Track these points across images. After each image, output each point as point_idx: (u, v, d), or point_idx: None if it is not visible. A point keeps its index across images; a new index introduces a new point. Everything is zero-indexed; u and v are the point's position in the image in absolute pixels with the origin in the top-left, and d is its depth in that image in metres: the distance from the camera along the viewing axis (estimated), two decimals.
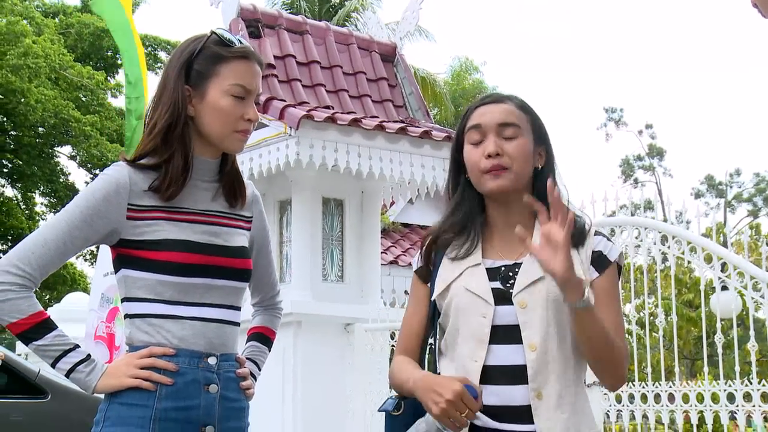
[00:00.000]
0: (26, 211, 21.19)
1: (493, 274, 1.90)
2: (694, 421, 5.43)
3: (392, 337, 7.47)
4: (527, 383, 1.83)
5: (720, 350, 5.20)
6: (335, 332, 6.87)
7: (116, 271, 1.98)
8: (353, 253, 7.18)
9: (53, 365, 1.90)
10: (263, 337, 2.24)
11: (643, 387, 5.81)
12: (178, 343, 1.92)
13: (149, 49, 20.70)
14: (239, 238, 2.05)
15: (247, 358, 2.15)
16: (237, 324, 2.03)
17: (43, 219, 21.57)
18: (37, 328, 1.88)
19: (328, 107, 6.96)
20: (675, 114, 56.87)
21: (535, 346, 1.83)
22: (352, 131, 6.63)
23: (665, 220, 5.94)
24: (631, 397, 5.88)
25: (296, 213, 6.92)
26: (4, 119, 19.31)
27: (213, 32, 2.00)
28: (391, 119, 7.33)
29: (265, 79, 6.99)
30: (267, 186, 7.27)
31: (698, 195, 33.39)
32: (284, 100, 6.75)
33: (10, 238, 21.07)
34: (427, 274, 1.99)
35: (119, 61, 21.21)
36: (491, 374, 1.84)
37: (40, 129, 18.89)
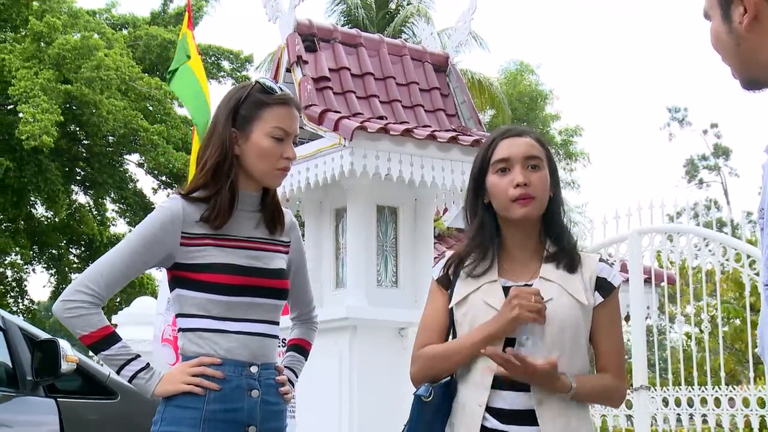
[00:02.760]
0: (98, 217, 21.92)
1: (506, 292, 2.12)
2: (755, 425, 5.49)
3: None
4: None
5: None
6: (390, 336, 7.07)
7: (171, 290, 2.25)
8: (407, 259, 7.38)
9: (118, 372, 2.18)
10: (300, 348, 2.50)
11: (690, 391, 5.89)
12: (224, 354, 2.18)
13: (213, 58, 21.24)
14: (278, 261, 2.30)
15: (285, 367, 2.40)
16: (276, 337, 2.29)
17: (113, 225, 22.30)
18: (105, 340, 2.16)
19: (381, 118, 7.18)
20: (741, 112, 55.73)
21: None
22: (404, 141, 6.85)
23: (732, 221, 6.01)
24: (678, 401, 5.96)
25: (351, 220, 7.15)
26: (78, 129, 20.02)
27: (257, 81, 2.27)
28: (444, 128, 7.52)
29: (320, 91, 7.25)
30: (323, 195, 7.52)
31: None
32: (339, 112, 7.00)
33: (83, 243, 21.83)
34: (447, 282, 2.21)
35: None
36: (500, 381, 2.06)
37: (111, 138, 19.56)
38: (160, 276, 8.23)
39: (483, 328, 2.07)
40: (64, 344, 3.17)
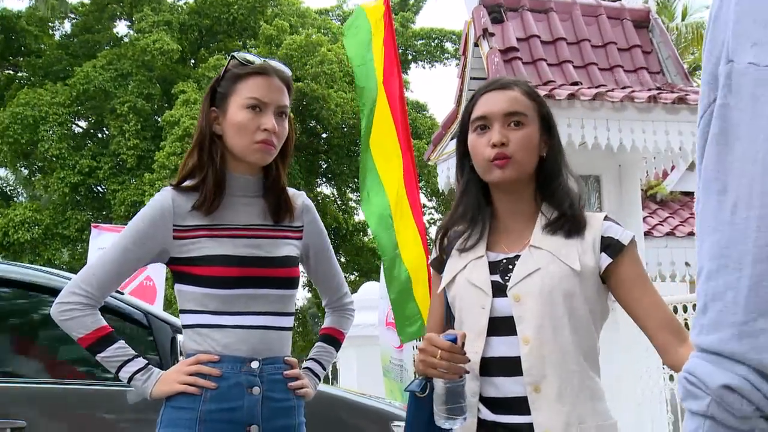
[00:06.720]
0: (342, 206, 22.91)
1: (494, 267, 1.90)
2: None
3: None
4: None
5: None
6: None
7: (173, 286, 2.17)
8: None
9: (116, 374, 2.11)
10: (330, 338, 2.36)
11: None
12: (222, 350, 2.07)
13: (436, 41, 21.43)
14: (284, 248, 2.16)
15: (311, 359, 2.29)
16: (287, 329, 2.16)
17: (356, 213, 23.22)
18: (100, 342, 2.09)
19: (575, 83, 6.87)
20: None
21: (528, 340, 1.81)
22: (597, 106, 6.50)
23: None
24: None
25: None
26: (317, 125, 21.03)
27: (233, 56, 2.15)
28: (646, 88, 7.06)
29: (508, 63, 7.04)
30: None
31: None
32: (529, 82, 6.76)
33: (330, 232, 22.92)
34: (440, 265, 2.02)
35: (410, 57, 22.21)
36: (490, 366, 1.85)
37: (344, 130, 20.36)
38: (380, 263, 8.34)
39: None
40: None
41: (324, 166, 22.46)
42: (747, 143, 0.80)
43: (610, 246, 1.87)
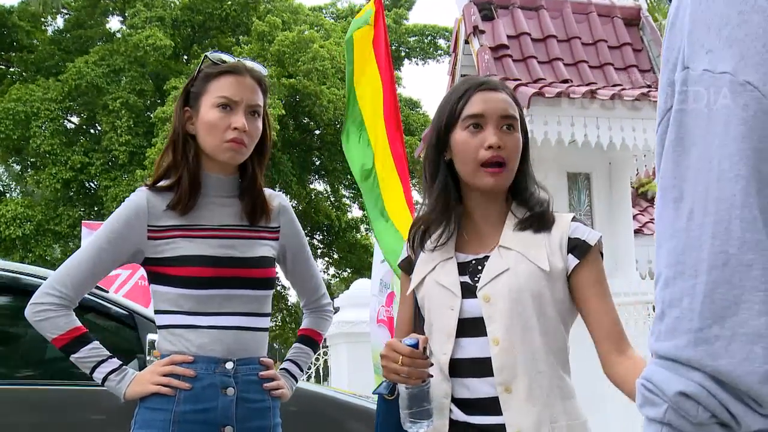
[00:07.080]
0: (335, 203, 22.89)
1: (463, 268, 1.89)
2: None
3: (654, 309, 7.24)
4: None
5: None
6: None
7: (149, 285, 2.16)
8: (604, 225, 7.02)
9: (90, 374, 2.10)
10: (308, 338, 2.36)
11: None
12: (196, 351, 2.06)
13: (429, 38, 21.41)
14: (260, 249, 2.15)
15: (288, 360, 2.29)
16: (262, 329, 2.15)
17: (348, 210, 23.20)
18: (74, 343, 2.08)
19: (565, 81, 6.88)
20: None
21: (498, 341, 1.80)
22: (587, 103, 6.51)
23: None
24: None
25: None
26: (310, 121, 21.01)
27: (206, 56, 2.15)
28: (637, 85, 7.07)
29: (499, 60, 7.05)
30: None
31: None
32: (519, 80, 6.77)
33: (324, 228, 22.91)
34: (409, 266, 2.01)
35: (403, 54, 22.19)
36: (460, 367, 1.84)
37: (337, 126, 20.36)
38: (372, 260, 8.32)
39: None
40: None
41: (317, 163, 22.44)
42: (702, 150, 0.80)
43: (577, 247, 1.85)
